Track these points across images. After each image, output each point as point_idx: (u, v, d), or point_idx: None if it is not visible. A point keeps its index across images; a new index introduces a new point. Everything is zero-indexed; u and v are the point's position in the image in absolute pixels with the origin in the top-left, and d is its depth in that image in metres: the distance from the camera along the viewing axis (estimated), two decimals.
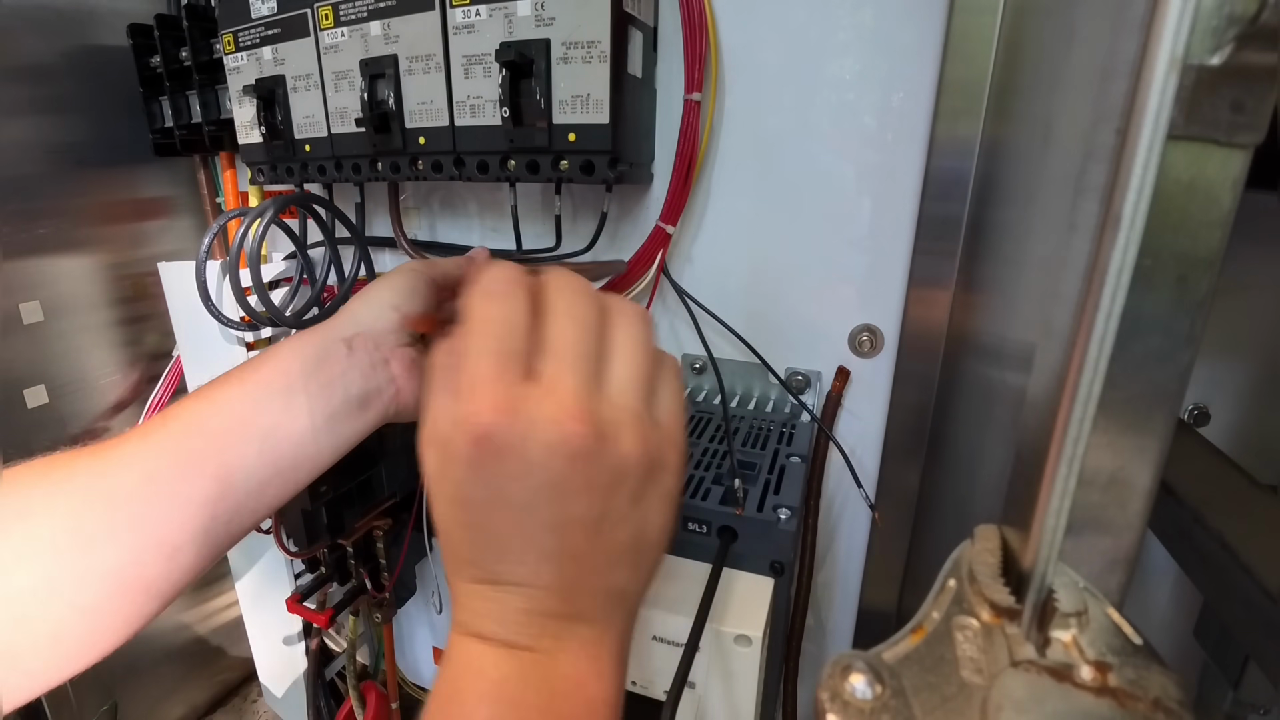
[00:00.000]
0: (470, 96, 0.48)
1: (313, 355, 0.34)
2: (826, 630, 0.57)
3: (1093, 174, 0.17)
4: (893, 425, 0.50)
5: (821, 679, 0.17)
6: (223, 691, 1.03)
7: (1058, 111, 0.40)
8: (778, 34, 0.46)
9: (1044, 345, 0.19)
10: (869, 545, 0.54)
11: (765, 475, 0.40)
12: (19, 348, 0.73)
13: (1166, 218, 0.16)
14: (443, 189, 0.62)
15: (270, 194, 0.70)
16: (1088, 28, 0.36)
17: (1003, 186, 0.45)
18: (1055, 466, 0.17)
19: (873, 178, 0.45)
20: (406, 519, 0.69)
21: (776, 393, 0.53)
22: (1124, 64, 0.15)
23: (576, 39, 0.43)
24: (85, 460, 0.31)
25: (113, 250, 0.80)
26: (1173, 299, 0.17)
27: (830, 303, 0.49)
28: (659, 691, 0.36)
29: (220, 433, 0.32)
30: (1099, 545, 0.19)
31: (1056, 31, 0.40)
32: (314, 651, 0.80)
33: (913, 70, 0.43)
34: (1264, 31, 0.14)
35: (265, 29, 0.58)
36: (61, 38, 0.72)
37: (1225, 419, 0.44)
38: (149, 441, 0.32)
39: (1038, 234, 0.42)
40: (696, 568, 0.37)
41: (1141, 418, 0.18)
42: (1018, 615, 0.19)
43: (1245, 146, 0.16)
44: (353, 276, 0.64)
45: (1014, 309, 0.45)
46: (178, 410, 0.33)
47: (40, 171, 0.73)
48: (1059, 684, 0.17)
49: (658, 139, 0.51)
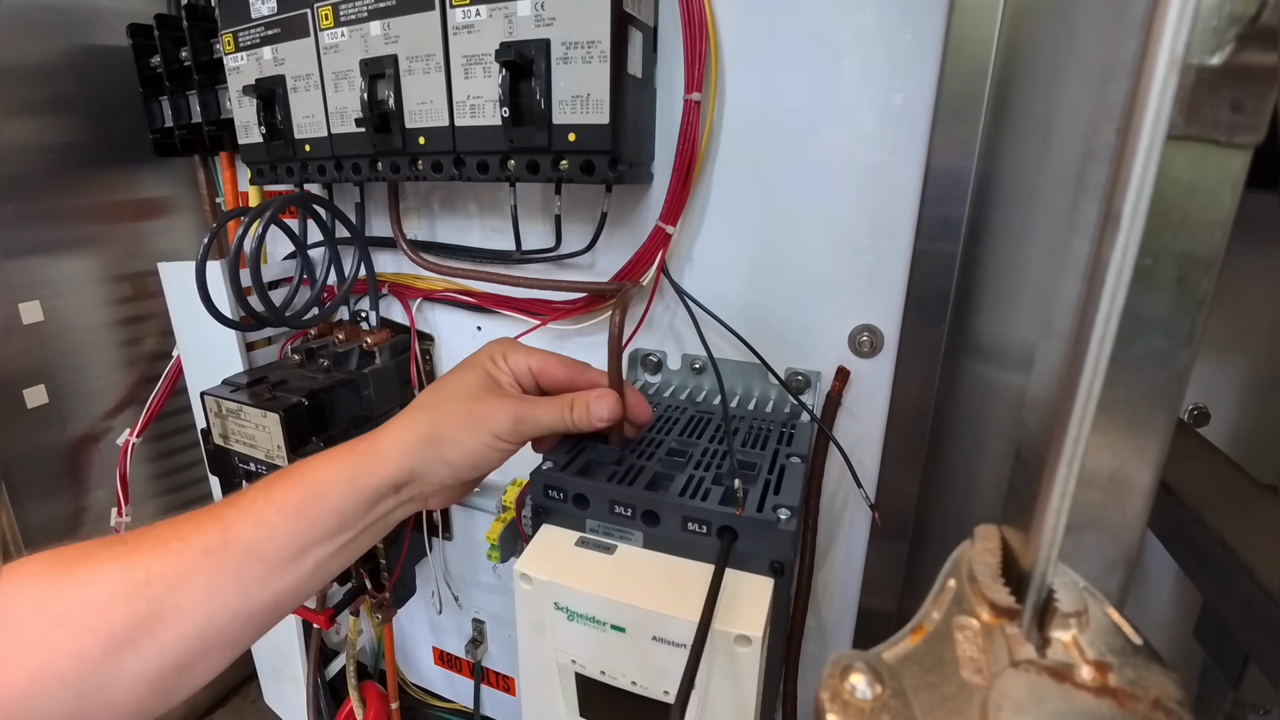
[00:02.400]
0: (470, 96, 0.48)
1: (367, 499, 0.35)
2: (826, 630, 0.57)
3: (1093, 174, 0.17)
4: (893, 425, 0.50)
5: (821, 679, 0.17)
6: (223, 691, 1.03)
7: (1058, 111, 0.40)
8: (778, 34, 0.46)
9: (1044, 345, 0.19)
10: (869, 545, 0.54)
11: (765, 475, 0.40)
12: (19, 348, 0.73)
13: (1166, 218, 0.16)
14: (443, 189, 0.62)
15: (270, 194, 0.70)
16: (1088, 28, 0.36)
17: (1003, 186, 0.45)
18: (1055, 466, 0.17)
19: (873, 178, 0.45)
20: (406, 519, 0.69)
21: (776, 393, 0.53)
22: (1124, 64, 0.15)
23: (576, 39, 0.43)
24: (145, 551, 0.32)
25: (113, 250, 0.80)
26: (1173, 299, 0.17)
27: (830, 303, 0.49)
28: (659, 691, 0.36)
29: (275, 563, 0.34)
30: (1099, 545, 0.19)
31: (1056, 31, 0.40)
32: (314, 651, 0.80)
33: (913, 70, 0.43)
34: (1264, 31, 0.14)
35: (265, 29, 0.58)
36: (61, 38, 0.72)
37: (1225, 419, 0.44)
38: (211, 559, 0.32)
39: (1038, 234, 0.42)
40: (696, 568, 0.37)
41: (1141, 418, 0.18)
42: (1018, 615, 0.19)
43: (1245, 146, 0.16)
44: (352, 276, 0.64)
45: (1014, 309, 0.45)
46: (234, 527, 0.33)
47: (40, 171, 0.73)
48: (1059, 684, 0.17)
49: (658, 139, 0.51)
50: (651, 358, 0.57)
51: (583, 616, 0.36)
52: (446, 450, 0.36)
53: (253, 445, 0.60)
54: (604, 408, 0.39)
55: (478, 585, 0.75)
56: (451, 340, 0.67)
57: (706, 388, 0.55)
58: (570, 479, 0.39)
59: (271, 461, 0.60)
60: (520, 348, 0.41)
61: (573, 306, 0.56)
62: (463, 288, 0.62)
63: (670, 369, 0.57)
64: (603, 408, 0.39)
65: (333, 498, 0.35)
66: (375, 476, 0.35)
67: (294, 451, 0.59)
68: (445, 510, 0.73)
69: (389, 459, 0.36)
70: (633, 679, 0.36)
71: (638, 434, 0.44)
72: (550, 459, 0.41)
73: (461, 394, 0.38)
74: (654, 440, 0.45)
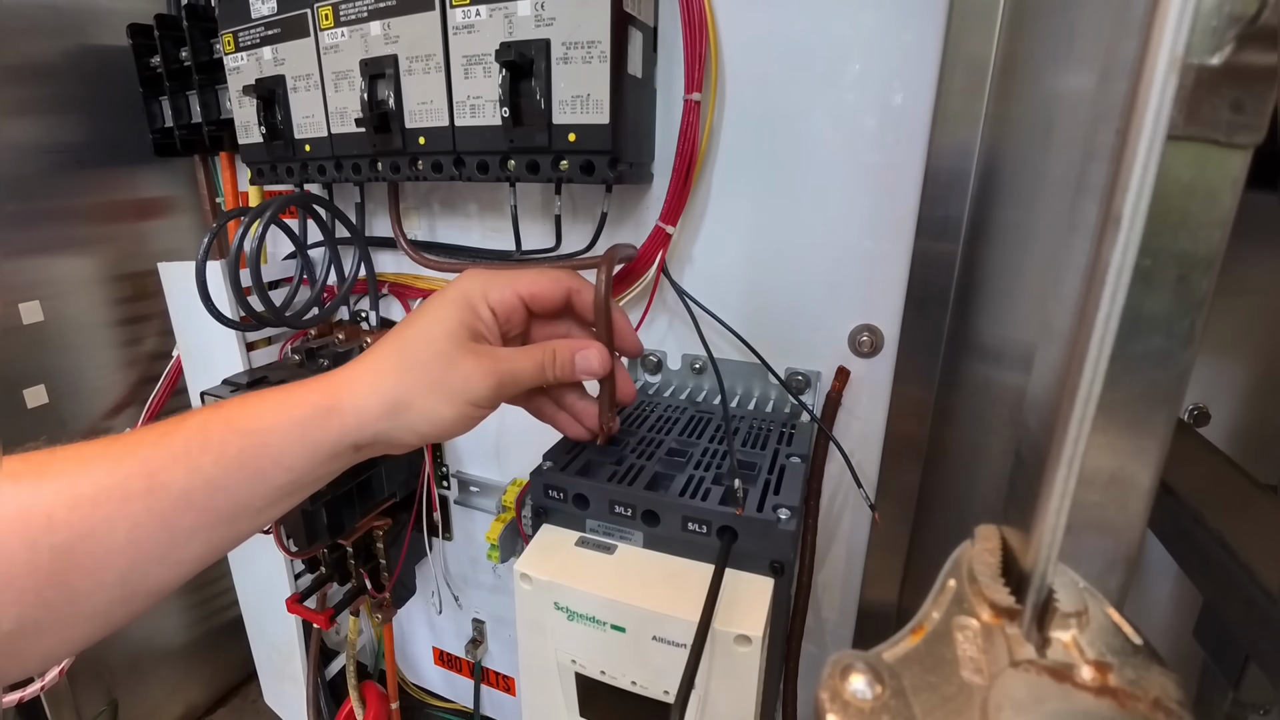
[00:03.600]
0: (470, 96, 0.48)
1: (321, 457, 0.31)
2: (826, 630, 0.57)
3: (1093, 174, 0.17)
4: (893, 425, 0.50)
5: (821, 679, 0.17)
6: (223, 691, 1.03)
7: (1058, 111, 0.40)
8: (778, 34, 0.46)
9: (1044, 345, 0.19)
10: (869, 545, 0.54)
11: (765, 475, 0.40)
12: (19, 348, 0.73)
13: (1166, 218, 0.16)
14: (443, 189, 0.62)
15: (270, 194, 0.70)
16: (1088, 28, 0.36)
17: (1003, 186, 0.45)
18: (1055, 466, 0.17)
19: (873, 178, 0.45)
20: (406, 519, 0.69)
21: (776, 393, 0.53)
22: (1124, 64, 0.15)
23: (576, 39, 0.43)
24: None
25: (113, 250, 0.80)
26: (1173, 299, 0.17)
27: (830, 303, 0.49)
28: (659, 691, 0.36)
29: (213, 517, 0.30)
30: (1099, 545, 0.19)
31: (1057, 32, 0.40)
32: (314, 651, 0.80)
33: (913, 71, 0.43)
34: (1264, 31, 0.14)
35: (265, 29, 0.58)
36: (61, 38, 0.72)
37: (1225, 419, 0.44)
38: (132, 506, 0.29)
39: (1038, 234, 0.42)
40: (696, 568, 0.37)
41: (1141, 418, 0.18)
42: (1018, 615, 0.19)
43: (1245, 146, 0.16)
44: (353, 276, 0.64)
45: (1014, 309, 0.45)
46: (163, 474, 0.29)
47: (40, 171, 0.73)
48: (1059, 684, 0.17)
49: (658, 139, 0.51)
50: (651, 358, 0.57)
51: (583, 616, 0.36)
52: (415, 420, 0.32)
53: None
54: (593, 359, 0.35)
55: (478, 585, 0.75)
56: None
57: (706, 388, 0.55)
58: (570, 479, 0.39)
59: None
60: (502, 277, 0.35)
61: None
62: None
63: (670, 369, 0.57)
64: (592, 359, 0.35)
65: (282, 452, 0.31)
66: (333, 435, 0.31)
67: None
68: (445, 510, 0.73)
69: (350, 420, 0.31)
70: (633, 679, 0.36)
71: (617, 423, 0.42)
72: (550, 459, 0.41)
73: (433, 354, 0.33)
74: (654, 440, 0.45)
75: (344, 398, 0.32)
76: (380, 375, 0.32)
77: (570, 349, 0.35)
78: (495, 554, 0.59)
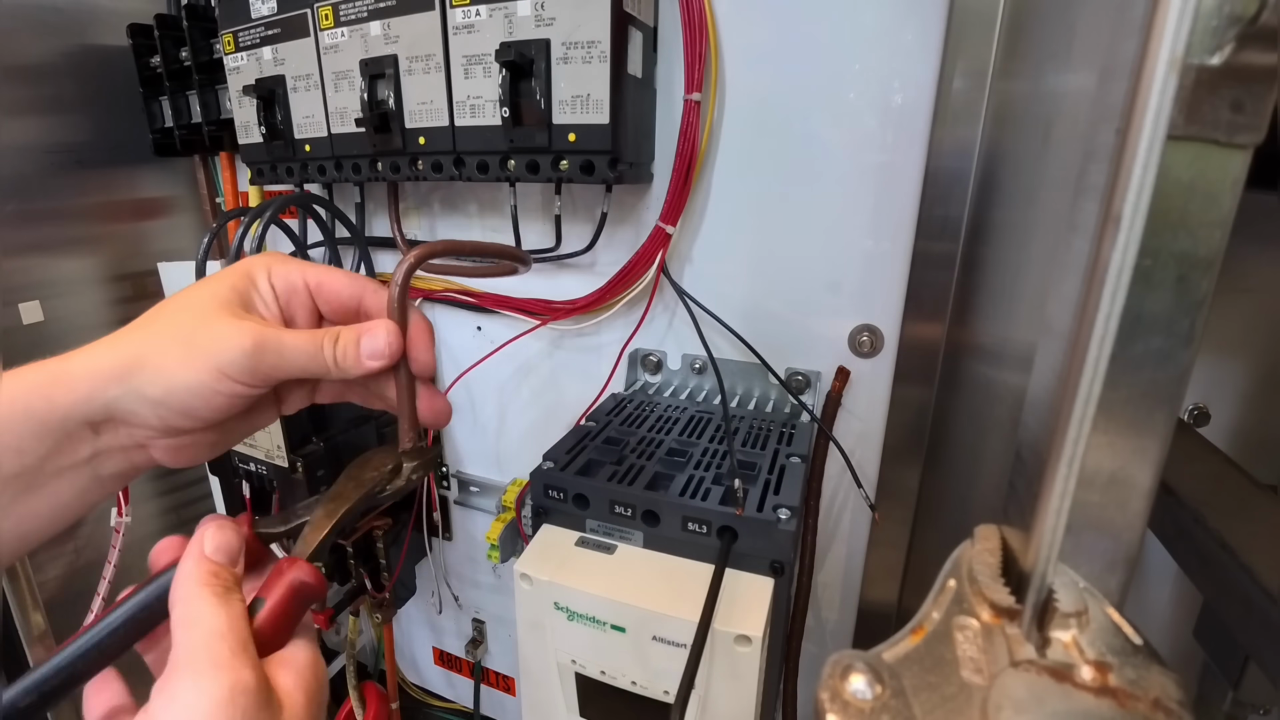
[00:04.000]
0: (470, 96, 0.48)
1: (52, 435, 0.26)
2: (826, 630, 0.57)
3: (1093, 174, 0.17)
4: (893, 425, 0.50)
5: (821, 679, 0.17)
6: None
7: (1058, 111, 0.40)
8: (778, 34, 0.46)
9: (1044, 345, 0.19)
10: (869, 545, 0.54)
11: (765, 475, 0.40)
12: (19, 348, 0.73)
13: (1166, 218, 0.16)
14: (443, 189, 0.62)
15: (270, 194, 0.70)
16: (1088, 28, 0.36)
17: (1003, 186, 0.45)
18: (1055, 466, 0.17)
19: (873, 178, 0.45)
20: (406, 519, 0.69)
21: (776, 393, 0.53)
22: (1124, 64, 0.15)
23: (576, 39, 0.43)
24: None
25: (113, 250, 0.80)
26: (1173, 299, 0.17)
27: (830, 303, 0.49)
28: (659, 691, 0.36)
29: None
30: (1099, 545, 0.19)
31: (1057, 32, 0.40)
32: None
33: (913, 71, 0.43)
34: (1264, 31, 0.14)
35: (265, 29, 0.58)
36: (61, 38, 0.72)
37: (1225, 419, 0.44)
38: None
39: (1038, 234, 0.42)
40: (696, 568, 0.37)
41: (1141, 418, 0.18)
42: (1018, 615, 0.19)
43: (1245, 146, 0.16)
44: None
45: (1014, 309, 0.45)
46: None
47: (40, 171, 0.73)
48: (1059, 684, 0.17)
49: (658, 139, 0.51)
50: (651, 358, 0.57)
51: (583, 616, 0.36)
52: (145, 383, 0.26)
53: (253, 445, 0.60)
54: (380, 339, 0.28)
55: (478, 585, 0.75)
56: (451, 340, 0.67)
57: (706, 388, 0.55)
58: (570, 479, 0.39)
59: (272, 461, 0.60)
60: (292, 261, 0.30)
61: (573, 307, 0.56)
62: (463, 287, 0.62)
63: (670, 369, 0.57)
64: (378, 339, 0.28)
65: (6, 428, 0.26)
66: (59, 407, 0.26)
67: (294, 452, 0.59)
68: (445, 510, 0.73)
69: (77, 385, 0.26)
70: (633, 679, 0.36)
71: (434, 423, 0.31)
72: (550, 459, 0.41)
73: (189, 313, 0.27)
74: (654, 440, 0.45)
75: (75, 361, 0.27)
76: (125, 333, 0.27)
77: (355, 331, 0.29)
78: (495, 554, 0.59)
